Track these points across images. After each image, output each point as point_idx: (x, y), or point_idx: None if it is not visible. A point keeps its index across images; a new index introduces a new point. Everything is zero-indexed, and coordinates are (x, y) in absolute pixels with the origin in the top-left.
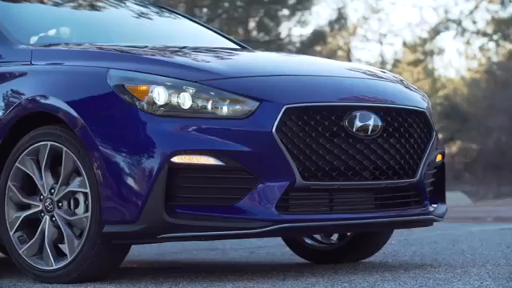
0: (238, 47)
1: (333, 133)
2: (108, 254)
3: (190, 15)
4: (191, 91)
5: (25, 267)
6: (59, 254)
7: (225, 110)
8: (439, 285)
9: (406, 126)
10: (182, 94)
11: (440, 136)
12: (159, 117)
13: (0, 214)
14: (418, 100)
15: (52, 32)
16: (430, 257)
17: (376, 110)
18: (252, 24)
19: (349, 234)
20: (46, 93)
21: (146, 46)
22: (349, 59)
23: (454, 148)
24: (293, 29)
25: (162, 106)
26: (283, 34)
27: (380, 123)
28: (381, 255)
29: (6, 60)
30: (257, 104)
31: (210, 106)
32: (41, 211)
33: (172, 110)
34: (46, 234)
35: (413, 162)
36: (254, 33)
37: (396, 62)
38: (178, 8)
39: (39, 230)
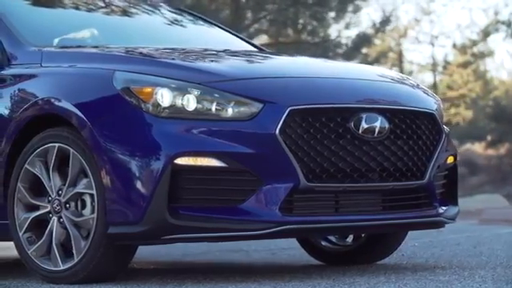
0: (255, 50)
1: (338, 134)
2: (114, 255)
3: (235, 17)
4: (195, 93)
5: (33, 268)
6: (67, 255)
7: (229, 111)
8: (438, 287)
9: (413, 128)
10: (186, 96)
11: (488, 138)
12: (164, 119)
13: (9, 214)
14: (427, 102)
15: (72, 35)
16: (445, 259)
17: (383, 112)
18: (299, 26)
19: (363, 235)
20: (54, 95)
21: (157, 49)
22: (400, 61)
23: (502, 150)
24: (342, 31)
25: (166, 107)
26: (333, 36)
27: (387, 125)
28: (398, 257)
29: (18, 62)
30: (260, 106)
31: (214, 108)
32: (49, 212)
33: (176, 112)
34: (54, 234)
35: (421, 163)
36: (304, 35)
37: (446, 64)
38: (223, 11)
39: (47, 230)
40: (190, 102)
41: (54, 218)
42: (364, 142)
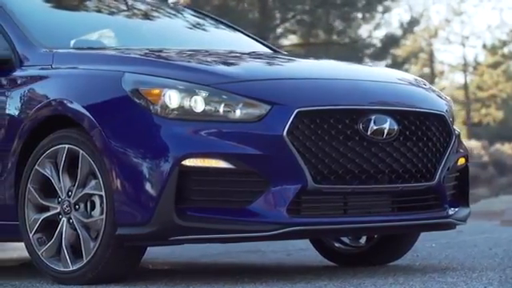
0: (270, 52)
1: (346, 136)
2: (123, 256)
3: (263, 18)
4: (204, 95)
5: (43, 268)
6: (76, 256)
7: (237, 113)
8: None
9: (423, 130)
10: (194, 98)
11: None
12: (172, 120)
13: (20, 215)
14: (438, 103)
15: (88, 37)
16: (458, 260)
17: (392, 114)
18: (328, 27)
19: (375, 236)
20: (65, 96)
21: (180, 50)
22: (431, 61)
23: None
24: (372, 32)
25: (174, 109)
26: (363, 37)
27: (396, 126)
28: (413, 258)
29: (29, 63)
30: (268, 107)
31: (222, 110)
32: (59, 213)
33: (185, 114)
34: (64, 235)
35: (431, 165)
36: (333, 36)
37: (477, 65)
38: (252, 12)
39: (57, 231)
40: (198, 104)
41: (64, 219)
42: (373, 144)
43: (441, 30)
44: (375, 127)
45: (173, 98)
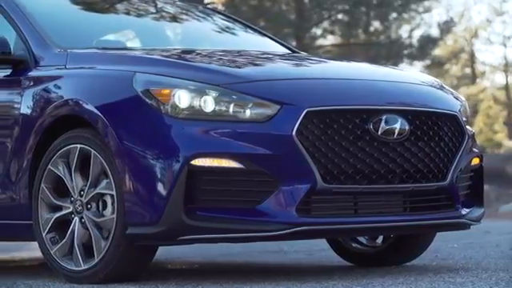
0: (289, 52)
1: (356, 136)
2: (134, 255)
3: (299, 18)
4: (214, 95)
5: (56, 267)
6: (88, 255)
7: (247, 113)
8: None
9: (435, 130)
10: (204, 98)
11: None
12: (182, 120)
13: (33, 214)
14: (450, 103)
15: (107, 37)
16: (475, 260)
17: (403, 113)
18: (365, 27)
19: (392, 236)
20: (77, 96)
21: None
22: (472, 61)
23: None
24: (410, 32)
25: (184, 109)
26: (403, 37)
27: (407, 126)
28: (432, 258)
29: (44, 64)
30: (278, 107)
31: (231, 110)
32: (71, 213)
33: (194, 114)
34: (76, 235)
35: (443, 165)
36: (372, 36)
37: None
38: (289, 12)
39: (69, 231)
40: (208, 104)
41: (76, 219)
42: (383, 144)
43: (482, 30)
44: (386, 127)
45: (183, 98)
